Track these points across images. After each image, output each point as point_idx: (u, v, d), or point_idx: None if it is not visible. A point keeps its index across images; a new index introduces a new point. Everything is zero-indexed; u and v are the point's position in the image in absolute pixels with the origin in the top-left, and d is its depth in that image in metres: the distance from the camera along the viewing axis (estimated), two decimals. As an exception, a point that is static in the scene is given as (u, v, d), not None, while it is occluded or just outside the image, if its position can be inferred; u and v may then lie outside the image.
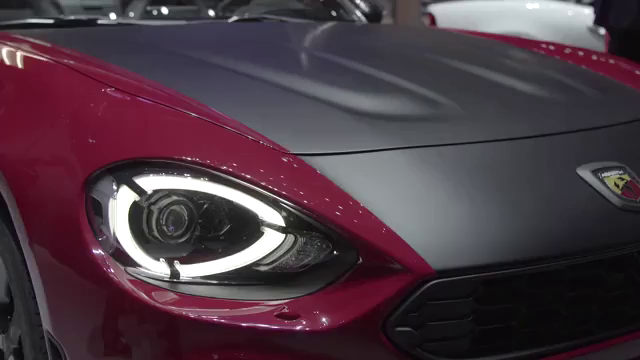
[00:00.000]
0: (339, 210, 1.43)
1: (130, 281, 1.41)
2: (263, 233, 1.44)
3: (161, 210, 1.44)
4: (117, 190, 1.43)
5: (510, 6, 6.26)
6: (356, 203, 1.44)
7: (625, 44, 4.16)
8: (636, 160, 1.74)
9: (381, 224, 1.42)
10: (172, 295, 1.41)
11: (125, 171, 1.45)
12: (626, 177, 1.65)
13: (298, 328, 1.38)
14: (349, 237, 1.41)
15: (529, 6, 6.26)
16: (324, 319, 1.38)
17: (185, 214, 1.44)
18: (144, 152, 1.48)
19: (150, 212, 1.43)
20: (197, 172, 1.45)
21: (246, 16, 2.90)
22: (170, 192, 1.44)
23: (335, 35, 2.73)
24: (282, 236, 1.44)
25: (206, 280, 1.44)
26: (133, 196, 1.43)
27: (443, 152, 1.61)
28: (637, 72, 2.47)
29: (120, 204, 1.43)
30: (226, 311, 1.41)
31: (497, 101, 1.93)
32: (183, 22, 2.68)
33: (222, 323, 1.39)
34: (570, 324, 1.53)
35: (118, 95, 1.66)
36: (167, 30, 2.52)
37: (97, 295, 1.43)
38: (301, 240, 1.44)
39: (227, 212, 1.45)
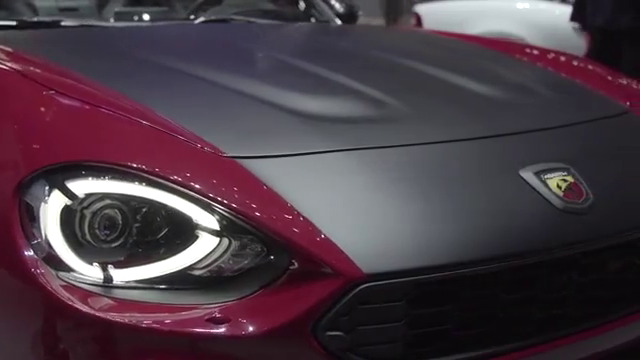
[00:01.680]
0: (271, 214, 1.42)
1: (62, 286, 1.40)
2: (198, 237, 1.43)
3: (94, 214, 1.43)
4: (49, 194, 1.43)
5: (495, 6, 6.24)
6: (289, 206, 1.44)
7: (603, 43, 4.16)
8: (583, 161, 1.73)
9: (313, 228, 1.41)
10: (104, 300, 1.41)
11: (58, 175, 1.44)
12: (570, 178, 1.64)
13: (228, 333, 1.37)
14: (281, 241, 1.40)
15: (519, 5, 6.24)
16: (255, 323, 1.38)
17: (119, 218, 1.43)
18: (78, 156, 1.48)
19: (83, 216, 1.43)
20: (131, 176, 1.44)
21: (213, 17, 2.88)
22: (104, 196, 1.43)
23: (298, 37, 2.72)
24: (216, 240, 1.43)
25: (140, 284, 1.43)
26: (65, 200, 1.42)
27: (383, 154, 1.61)
28: (608, 76, 2.45)
29: (51, 208, 1.42)
30: (158, 316, 1.40)
31: (448, 102, 1.92)
32: (147, 24, 2.66)
33: (153, 328, 1.38)
34: (509, 327, 1.52)
35: (58, 98, 1.65)
36: (128, 32, 2.51)
37: (28, 299, 1.42)
38: (235, 244, 1.43)
39: (163, 216, 1.44)
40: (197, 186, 1.44)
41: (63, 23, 2.54)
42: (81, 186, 1.43)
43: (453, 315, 1.46)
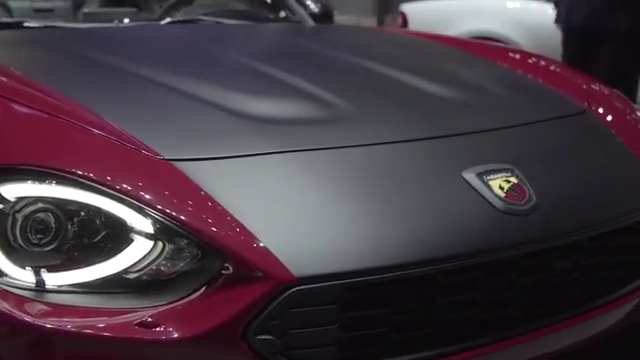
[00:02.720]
0: (203, 217, 1.42)
1: None
2: (132, 240, 1.42)
3: (26, 217, 1.42)
4: None
5: (482, 5, 6.21)
6: (223, 209, 1.43)
7: (580, 43, 4.14)
8: (529, 162, 1.72)
9: (246, 231, 1.40)
10: (37, 305, 1.40)
11: None
12: (513, 179, 1.63)
13: (157, 337, 1.36)
14: (213, 245, 1.39)
15: (510, 5, 6.21)
16: (184, 328, 1.37)
17: (52, 222, 1.43)
18: (10, 159, 1.47)
19: (14, 219, 1.42)
20: (65, 180, 1.44)
21: (180, 18, 2.86)
22: (36, 199, 1.43)
23: (260, 37, 2.71)
24: (150, 243, 1.42)
25: (74, 289, 1.42)
26: None
27: (324, 156, 1.60)
28: (570, 76, 2.43)
29: None
30: (90, 320, 1.39)
31: (399, 103, 1.90)
32: (112, 24, 2.65)
33: (82, 333, 1.38)
34: (449, 329, 1.51)
35: None
36: (90, 33, 2.49)
37: None
38: (169, 247, 1.42)
39: (99, 220, 1.43)
40: (131, 189, 1.43)
41: (26, 24, 2.53)
42: (13, 190, 1.43)
43: (389, 318, 1.45)
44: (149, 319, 1.37)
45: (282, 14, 3.20)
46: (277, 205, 1.47)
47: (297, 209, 1.47)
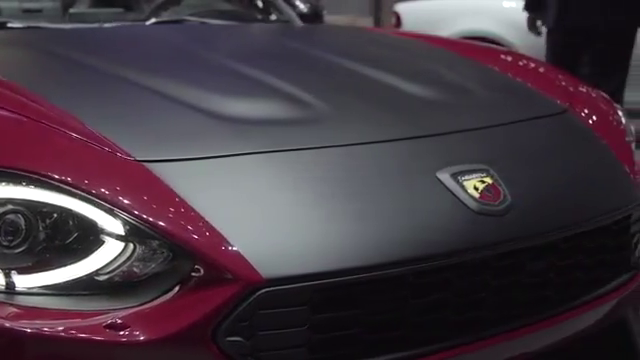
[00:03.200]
0: (174, 219, 1.41)
1: None
2: (103, 242, 1.42)
3: None
4: None
5: (477, 5, 6.20)
6: (194, 211, 1.42)
7: (568, 43, 4.14)
8: (506, 162, 1.72)
9: (216, 232, 1.40)
10: (7, 307, 1.40)
11: None
12: (488, 180, 1.62)
13: (126, 339, 1.36)
14: (183, 246, 1.39)
15: (506, 4, 6.20)
16: (154, 329, 1.37)
17: (22, 223, 1.42)
18: None
19: None
20: (35, 181, 1.43)
21: (165, 18, 2.85)
22: (6, 201, 1.42)
23: (244, 38, 2.70)
24: (121, 245, 1.42)
25: (44, 291, 1.42)
26: None
27: (297, 157, 1.59)
28: (553, 76, 2.43)
29: None
30: (59, 322, 1.39)
31: (377, 104, 1.90)
32: (95, 25, 2.64)
33: (52, 335, 1.37)
34: (421, 330, 1.50)
35: None
36: (72, 34, 2.49)
37: None
38: (140, 249, 1.42)
39: (68, 221, 1.43)
40: (102, 191, 1.43)
41: (10, 25, 2.52)
42: None
43: (361, 319, 1.44)
44: (118, 321, 1.37)
45: (270, 14, 3.20)
46: (248, 206, 1.46)
47: (268, 210, 1.46)
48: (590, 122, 2.07)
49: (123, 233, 1.41)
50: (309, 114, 1.75)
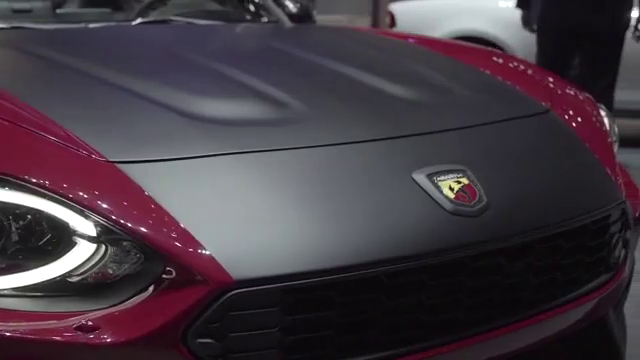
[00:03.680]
0: (144, 220, 1.41)
1: None
2: (75, 244, 1.42)
3: None
4: None
5: (471, 5, 6.20)
6: (164, 212, 1.42)
7: (560, 44, 4.14)
8: (483, 163, 1.71)
9: (187, 234, 1.39)
10: None
11: None
12: (464, 180, 1.62)
13: (96, 341, 1.36)
14: (154, 248, 1.39)
15: (502, 4, 6.18)
16: (124, 331, 1.36)
17: None
18: None
19: None
20: (6, 183, 1.43)
21: (151, 19, 2.84)
22: None
23: (228, 38, 2.69)
24: (93, 246, 1.42)
25: (16, 292, 1.42)
26: None
27: (270, 157, 1.59)
28: (536, 75, 2.42)
29: None
30: (30, 325, 1.39)
31: (356, 104, 1.89)
32: (80, 25, 2.64)
33: (23, 337, 1.37)
34: (395, 332, 1.50)
35: None
36: (56, 34, 2.48)
37: None
38: (112, 250, 1.41)
39: (41, 223, 1.43)
40: (73, 192, 1.43)
41: None
42: None
43: (333, 321, 1.44)
44: (89, 323, 1.37)
45: (258, 14, 3.19)
46: (220, 208, 1.46)
47: (240, 212, 1.46)
48: (572, 122, 2.07)
49: (95, 235, 1.41)
50: (285, 115, 1.75)
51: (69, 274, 1.42)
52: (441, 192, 1.58)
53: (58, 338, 1.36)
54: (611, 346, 1.96)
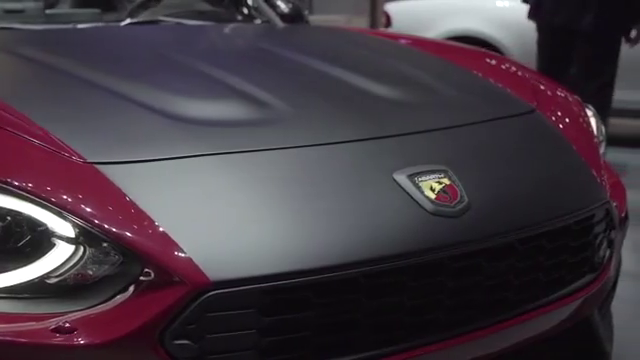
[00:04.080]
0: (123, 221, 1.40)
1: None
2: (54, 245, 1.41)
3: None
4: None
5: (467, 5, 6.19)
6: (143, 213, 1.41)
7: (557, 42, 4.14)
8: (465, 163, 1.71)
9: (165, 235, 1.39)
10: None
11: None
12: (445, 181, 1.61)
13: (72, 343, 1.35)
14: (132, 249, 1.38)
15: (499, 4, 6.18)
16: (101, 333, 1.36)
17: None
18: None
19: None
20: None
21: (141, 19, 2.84)
22: None
23: (217, 38, 2.69)
24: (72, 248, 1.41)
25: None
26: None
27: (251, 158, 1.58)
28: (523, 75, 2.41)
29: None
30: (7, 326, 1.38)
31: (339, 104, 1.88)
32: (68, 26, 2.63)
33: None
34: (375, 333, 1.49)
35: None
36: (43, 35, 2.48)
37: None
38: (90, 252, 1.41)
39: (19, 224, 1.42)
40: (52, 194, 1.43)
41: None
42: None
43: (312, 322, 1.43)
44: (66, 324, 1.36)
45: (248, 14, 3.18)
46: (199, 209, 1.45)
47: (219, 213, 1.46)
48: (557, 122, 2.06)
49: (73, 236, 1.41)
50: (267, 115, 1.74)
51: (48, 275, 1.41)
52: (422, 192, 1.57)
53: (35, 340, 1.36)
54: (597, 346, 1.95)
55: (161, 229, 1.40)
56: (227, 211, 1.46)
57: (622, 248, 2.07)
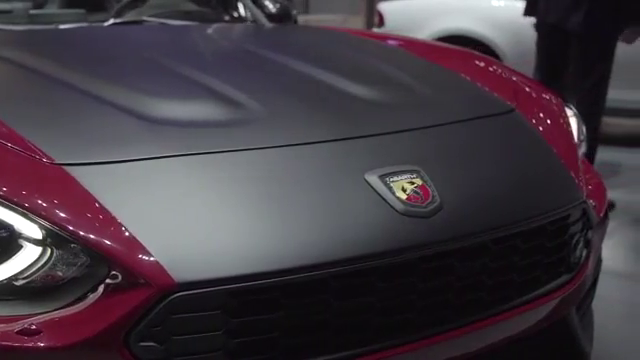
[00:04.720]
0: (89, 223, 1.40)
1: None
2: (21, 247, 1.41)
3: None
4: None
5: (461, 4, 6.17)
6: (109, 215, 1.41)
7: (552, 41, 4.12)
8: (438, 163, 1.70)
9: (131, 237, 1.39)
10: None
11: None
12: (417, 181, 1.61)
13: (37, 345, 1.34)
14: (99, 251, 1.38)
15: (495, 3, 6.16)
16: (66, 334, 1.35)
17: None
18: None
19: None
20: None
21: (125, 19, 2.83)
22: None
23: (199, 39, 2.68)
24: (39, 249, 1.41)
25: None
26: None
27: (220, 159, 1.58)
28: (503, 74, 2.41)
29: None
30: None
31: (315, 104, 1.88)
32: (51, 27, 2.63)
33: None
34: (345, 334, 1.48)
35: None
36: (23, 35, 2.47)
37: None
38: (57, 254, 1.40)
39: None
40: (19, 195, 1.42)
41: None
42: None
43: (280, 323, 1.42)
44: (32, 326, 1.36)
45: (235, 14, 3.18)
46: (165, 210, 1.45)
47: (185, 214, 1.45)
48: (536, 122, 2.06)
49: (40, 238, 1.40)
50: (240, 116, 1.74)
51: (15, 277, 1.40)
52: (393, 193, 1.57)
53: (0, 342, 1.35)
54: (574, 346, 1.94)
55: (128, 231, 1.39)
56: (195, 212, 1.46)
57: (621, 248, 2.06)
